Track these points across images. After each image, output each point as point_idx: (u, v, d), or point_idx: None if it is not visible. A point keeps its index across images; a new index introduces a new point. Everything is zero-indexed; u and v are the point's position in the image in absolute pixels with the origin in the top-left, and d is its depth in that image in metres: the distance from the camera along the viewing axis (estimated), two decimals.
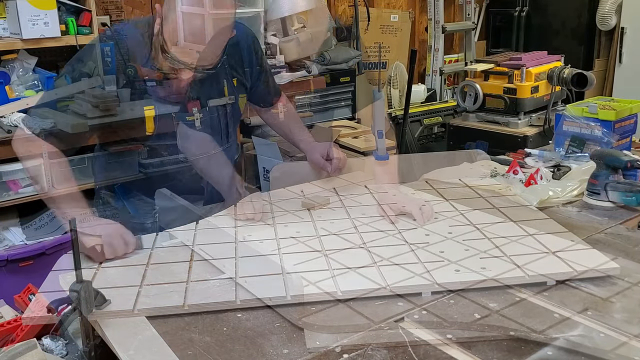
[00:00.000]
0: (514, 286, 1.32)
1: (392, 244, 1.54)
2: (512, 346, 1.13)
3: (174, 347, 1.14)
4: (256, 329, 1.21)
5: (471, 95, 4.02)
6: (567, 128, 2.35)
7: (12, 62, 3.07)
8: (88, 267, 1.46)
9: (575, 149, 2.29)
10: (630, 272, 1.37)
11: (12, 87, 2.99)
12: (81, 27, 3.14)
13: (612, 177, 1.84)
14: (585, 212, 1.81)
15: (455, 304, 1.26)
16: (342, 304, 1.27)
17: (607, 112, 2.28)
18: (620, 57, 4.83)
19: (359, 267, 1.40)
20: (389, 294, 1.29)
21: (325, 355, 1.12)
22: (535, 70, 3.82)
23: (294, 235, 1.61)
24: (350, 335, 1.16)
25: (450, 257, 1.43)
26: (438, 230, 1.61)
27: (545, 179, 1.98)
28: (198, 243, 1.58)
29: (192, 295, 1.32)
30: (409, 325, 1.19)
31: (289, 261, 1.45)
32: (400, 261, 1.42)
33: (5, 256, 2.63)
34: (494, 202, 1.85)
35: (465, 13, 5.30)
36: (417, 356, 1.11)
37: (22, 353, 1.16)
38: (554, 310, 1.22)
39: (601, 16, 4.85)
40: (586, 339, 1.12)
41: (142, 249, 1.59)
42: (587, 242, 1.54)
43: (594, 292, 1.29)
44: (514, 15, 5.27)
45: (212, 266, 1.45)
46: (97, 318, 1.24)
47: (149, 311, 1.26)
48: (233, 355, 1.13)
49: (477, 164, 2.26)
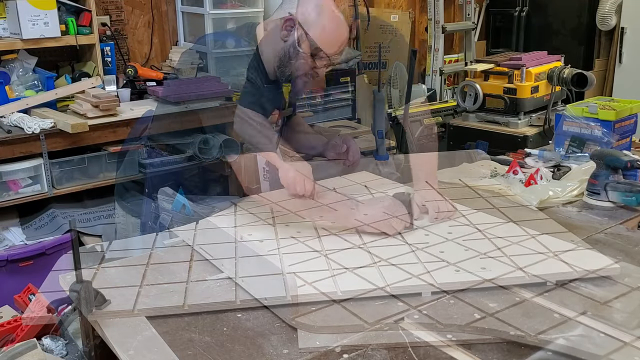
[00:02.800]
0: (514, 286, 1.32)
1: (392, 244, 1.54)
2: (512, 346, 1.13)
3: (174, 347, 1.14)
4: (256, 329, 1.21)
5: (471, 95, 4.02)
6: (567, 128, 2.35)
7: (12, 62, 3.07)
8: (88, 267, 1.46)
9: (575, 149, 2.29)
10: (630, 273, 1.37)
11: (12, 87, 2.99)
12: (81, 27, 3.14)
13: (612, 177, 1.84)
14: (585, 212, 1.81)
15: (455, 304, 1.26)
16: (340, 304, 1.26)
17: (607, 112, 2.28)
18: (620, 57, 4.83)
19: (358, 268, 1.40)
20: (389, 294, 1.29)
21: (325, 355, 1.12)
22: (535, 70, 3.82)
23: (294, 235, 1.61)
24: (350, 335, 1.16)
25: (450, 258, 1.43)
26: (438, 231, 1.61)
27: (545, 179, 1.98)
28: (198, 243, 1.58)
29: (192, 295, 1.32)
30: (409, 326, 1.19)
31: (287, 261, 1.45)
32: (400, 262, 1.42)
33: (5, 256, 2.63)
34: (494, 202, 1.85)
35: (465, 13, 5.30)
36: (417, 356, 1.11)
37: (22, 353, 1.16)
38: (554, 311, 1.22)
39: (601, 16, 4.85)
40: (586, 340, 1.12)
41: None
42: (587, 242, 1.54)
43: (594, 293, 1.29)
44: (514, 15, 5.27)
45: (212, 266, 1.45)
46: (97, 318, 1.24)
47: (149, 311, 1.26)
48: (233, 355, 1.13)
49: (477, 164, 2.26)
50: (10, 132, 2.72)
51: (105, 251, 1.56)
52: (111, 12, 3.65)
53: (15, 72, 3.06)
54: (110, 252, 1.56)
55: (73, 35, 3.10)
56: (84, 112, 2.88)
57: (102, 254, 1.54)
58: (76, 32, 3.11)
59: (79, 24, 3.14)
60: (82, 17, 3.15)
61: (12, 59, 3.07)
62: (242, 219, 1.74)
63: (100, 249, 1.52)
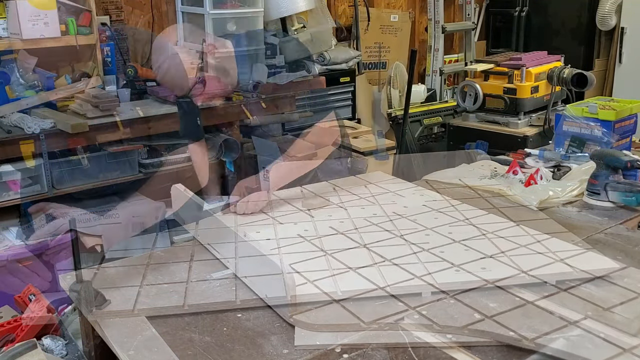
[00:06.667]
0: (514, 287, 1.32)
1: (393, 244, 1.54)
2: (512, 347, 1.13)
3: (174, 347, 1.14)
4: (256, 329, 1.21)
5: (471, 95, 4.02)
6: (567, 128, 2.35)
7: (12, 62, 3.07)
8: (88, 267, 1.46)
9: (575, 149, 2.29)
10: (630, 273, 1.37)
11: (12, 87, 2.99)
12: (81, 27, 3.14)
13: (612, 177, 1.84)
14: (585, 212, 1.81)
15: (455, 304, 1.26)
16: (340, 303, 1.26)
17: (607, 112, 2.28)
18: (620, 57, 4.83)
19: (359, 267, 1.40)
20: (389, 294, 1.29)
21: (325, 355, 1.12)
22: (535, 70, 3.82)
23: (294, 234, 1.61)
24: (350, 335, 1.16)
25: (451, 258, 1.43)
26: (439, 231, 1.61)
27: (545, 179, 1.98)
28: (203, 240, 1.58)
29: (192, 295, 1.32)
30: (409, 326, 1.19)
31: (288, 260, 1.45)
32: (401, 262, 1.42)
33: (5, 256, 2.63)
34: (494, 202, 1.85)
35: (465, 13, 5.30)
36: (417, 356, 1.11)
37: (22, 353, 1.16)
38: (554, 311, 1.22)
39: (601, 16, 4.85)
40: (586, 340, 1.12)
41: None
42: (587, 242, 1.54)
43: (594, 293, 1.29)
44: (514, 15, 5.27)
45: (212, 266, 1.46)
46: (97, 318, 1.24)
47: (149, 311, 1.26)
48: (233, 355, 1.13)
49: (477, 164, 2.26)
50: (10, 132, 2.72)
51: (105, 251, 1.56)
52: (111, 12, 3.64)
53: (15, 72, 3.05)
54: (110, 252, 1.56)
55: (73, 35, 3.10)
56: (84, 112, 2.88)
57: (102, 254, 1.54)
58: (76, 32, 3.11)
59: (79, 24, 3.14)
60: (82, 17, 3.15)
61: (12, 59, 3.07)
62: (243, 218, 1.74)
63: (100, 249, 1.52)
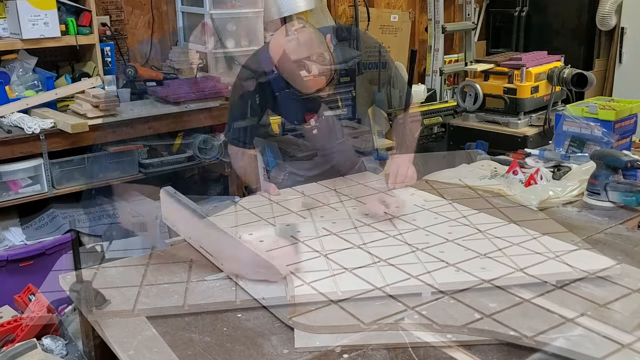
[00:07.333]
0: (514, 287, 1.32)
1: (392, 244, 1.54)
2: (512, 347, 1.13)
3: (174, 347, 1.14)
4: (256, 329, 1.21)
5: (471, 95, 4.02)
6: (567, 128, 2.35)
7: (12, 62, 3.07)
8: (88, 267, 1.46)
9: (575, 149, 2.29)
10: (630, 273, 1.37)
11: (12, 87, 2.99)
12: (81, 27, 3.14)
13: (612, 177, 1.84)
14: (585, 212, 1.81)
15: (455, 304, 1.26)
16: (339, 304, 1.26)
17: (607, 112, 2.28)
18: (620, 57, 4.83)
19: (358, 268, 1.40)
20: (389, 294, 1.29)
21: (325, 355, 1.12)
22: (535, 70, 3.82)
23: (294, 235, 1.61)
24: (351, 335, 1.16)
25: (450, 258, 1.43)
26: (438, 231, 1.61)
27: (545, 179, 1.98)
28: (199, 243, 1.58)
29: (192, 295, 1.32)
30: (409, 326, 1.18)
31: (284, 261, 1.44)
32: (400, 262, 1.42)
33: (5, 256, 2.63)
34: (494, 202, 1.85)
35: (465, 13, 5.29)
36: (417, 356, 1.11)
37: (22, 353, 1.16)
38: (554, 311, 1.22)
39: (601, 16, 4.85)
40: (586, 340, 1.12)
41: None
42: (587, 242, 1.54)
43: (594, 293, 1.29)
44: (514, 15, 5.27)
45: (212, 266, 1.45)
46: (97, 318, 1.24)
47: (149, 311, 1.26)
48: (233, 355, 1.13)
49: (477, 164, 2.26)
50: (10, 132, 2.72)
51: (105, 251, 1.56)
52: (111, 12, 3.64)
53: (15, 72, 3.05)
54: (110, 252, 1.56)
55: (73, 35, 3.10)
56: (84, 112, 2.88)
57: (102, 254, 1.54)
58: (76, 32, 3.11)
59: (79, 24, 3.13)
60: (82, 17, 3.15)
61: (12, 59, 3.07)
62: (243, 218, 1.74)
63: (100, 249, 1.52)
